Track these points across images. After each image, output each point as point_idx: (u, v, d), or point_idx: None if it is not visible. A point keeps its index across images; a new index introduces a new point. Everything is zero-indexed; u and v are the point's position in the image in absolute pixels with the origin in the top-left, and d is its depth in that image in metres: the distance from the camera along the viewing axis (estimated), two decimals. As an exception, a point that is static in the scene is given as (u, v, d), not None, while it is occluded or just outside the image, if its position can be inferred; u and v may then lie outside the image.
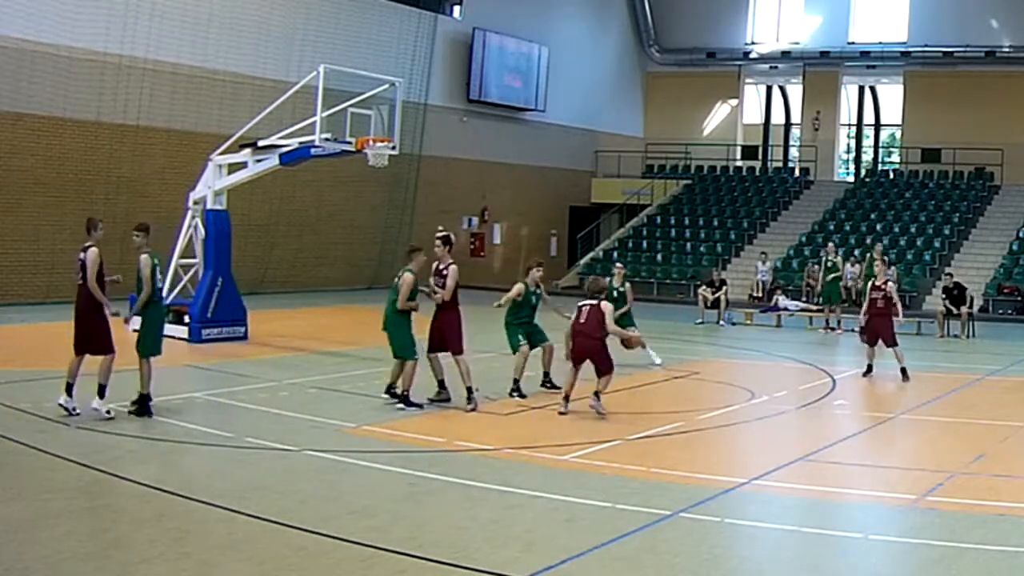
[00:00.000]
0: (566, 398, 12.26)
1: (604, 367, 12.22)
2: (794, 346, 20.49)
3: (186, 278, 18.57)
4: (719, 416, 12.65)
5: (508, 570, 6.79)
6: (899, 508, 8.67)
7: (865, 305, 16.41)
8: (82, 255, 11.20)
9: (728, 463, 10.56)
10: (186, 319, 17.60)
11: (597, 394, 12.10)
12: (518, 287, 13.74)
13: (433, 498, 8.59)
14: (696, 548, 7.48)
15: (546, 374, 14.14)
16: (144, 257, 11.49)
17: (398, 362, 12.44)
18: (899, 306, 16.42)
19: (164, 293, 18.36)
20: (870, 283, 16.47)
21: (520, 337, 13.66)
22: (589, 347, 12.24)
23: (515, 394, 13.29)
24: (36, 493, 8.19)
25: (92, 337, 11.12)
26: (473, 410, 12.27)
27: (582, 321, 12.30)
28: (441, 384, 12.72)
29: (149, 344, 11.48)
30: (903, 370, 15.63)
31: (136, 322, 11.69)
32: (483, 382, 14.06)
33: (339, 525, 7.61)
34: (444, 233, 12.96)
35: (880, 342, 15.94)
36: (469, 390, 12.41)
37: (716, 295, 24.55)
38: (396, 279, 12.53)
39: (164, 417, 11.17)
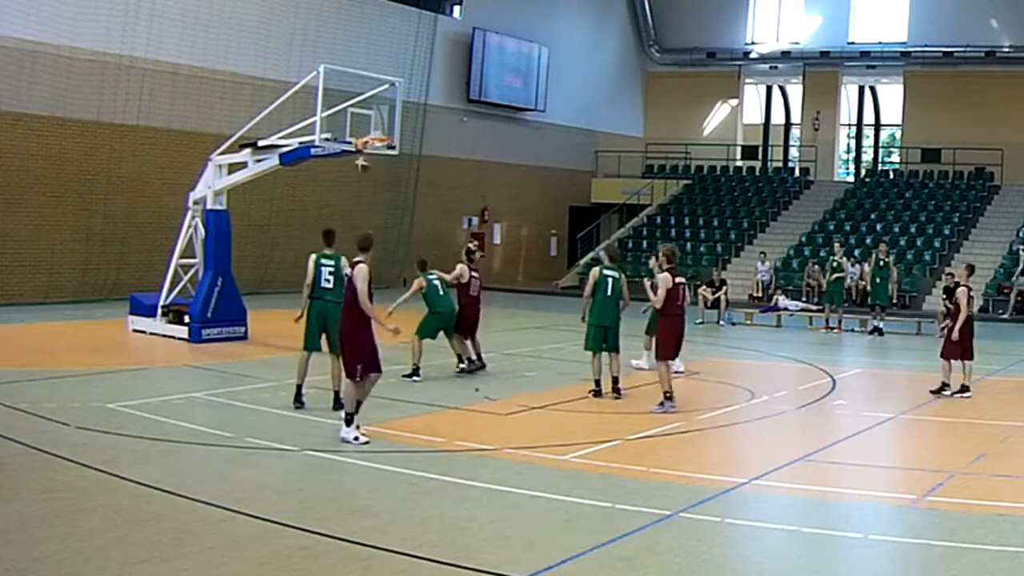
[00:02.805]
0: None
1: None
2: (794, 346, 20.48)
3: (186, 278, 18.55)
4: (719, 416, 12.65)
5: (508, 570, 6.79)
6: (899, 508, 8.67)
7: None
8: (349, 270, 10.66)
9: (728, 463, 10.55)
10: (186, 319, 17.62)
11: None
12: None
13: (433, 498, 8.58)
14: (696, 548, 7.48)
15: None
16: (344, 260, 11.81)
17: (457, 339, 14.79)
18: (961, 314, 14.00)
19: (164, 293, 18.60)
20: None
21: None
22: None
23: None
24: (36, 493, 8.18)
25: (364, 355, 10.43)
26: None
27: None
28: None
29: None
30: (963, 387, 14.07)
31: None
32: (483, 382, 14.09)
33: (339, 525, 7.61)
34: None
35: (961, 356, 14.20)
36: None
37: (716, 295, 24.55)
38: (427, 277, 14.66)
39: (164, 417, 11.17)
